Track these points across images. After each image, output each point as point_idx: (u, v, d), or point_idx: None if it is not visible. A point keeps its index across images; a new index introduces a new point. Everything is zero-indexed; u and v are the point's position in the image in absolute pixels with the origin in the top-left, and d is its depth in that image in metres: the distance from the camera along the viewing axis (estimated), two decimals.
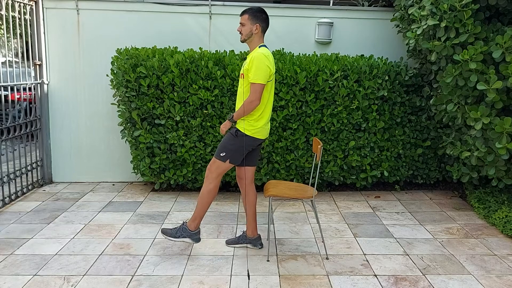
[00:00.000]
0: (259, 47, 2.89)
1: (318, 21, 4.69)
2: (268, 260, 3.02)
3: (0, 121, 4.10)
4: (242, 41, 2.95)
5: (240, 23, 2.93)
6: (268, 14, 4.59)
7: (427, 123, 4.50)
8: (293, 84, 4.20)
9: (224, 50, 4.49)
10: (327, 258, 3.06)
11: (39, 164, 4.66)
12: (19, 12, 4.19)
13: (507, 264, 3.02)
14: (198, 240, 3.07)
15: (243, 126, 2.90)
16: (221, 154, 2.94)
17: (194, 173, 4.35)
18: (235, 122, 2.96)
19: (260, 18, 2.90)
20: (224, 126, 2.95)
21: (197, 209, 3.02)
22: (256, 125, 2.91)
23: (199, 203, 3.01)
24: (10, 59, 4.36)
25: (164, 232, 3.06)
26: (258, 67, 2.77)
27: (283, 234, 3.49)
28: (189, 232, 3.03)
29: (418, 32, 3.69)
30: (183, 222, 3.07)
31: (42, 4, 4.50)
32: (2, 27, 7.35)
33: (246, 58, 3.11)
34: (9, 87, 4.10)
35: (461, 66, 3.40)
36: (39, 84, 4.57)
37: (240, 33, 2.93)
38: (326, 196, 4.49)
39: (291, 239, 3.40)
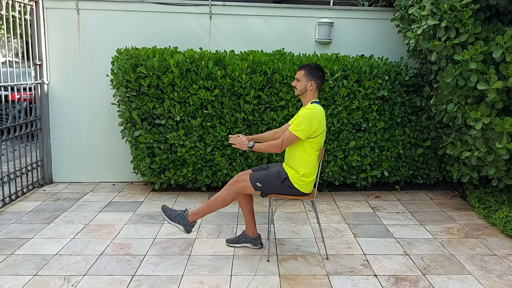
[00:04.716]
0: (311, 103, 2.92)
1: (318, 21, 4.69)
2: (268, 260, 3.02)
3: (0, 121, 4.09)
4: (296, 95, 2.99)
5: (295, 78, 2.96)
6: (268, 14, 4.69)
7: (427, 123, 4.50)
8: None
9: (225, 50, 4.49)
10: (327, 258, 3.06)
11: (39, 164, 4.66)
12: (19, 12, 4.19)
13: (507, 264, 3.02)
14: (189, 232, 3.04)
15: (293, 179, 2.91)
16: (257, 184, 2.92)
17: (194, 173, 4.35)
18: (252, 152, 2.98)
19: (316, 75, 2.91)
20: (240, 145, 2.95)
21: (205, 206, 3.00)
22: (305, 180, 2.93)
23: (209, 203, 2.99)
24: (10, 59, 4.36)
25: (164, 210, 3.03)
26: (301, 122, 2.82)
27: (284, 234, 3.49)
28: (185, 221, 3.00)
29: (418, 32, 3.69)
30: (186, 209, 3.05)
31: (42, 4, 4.50)
32: (2, 27, 7.35)
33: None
34: (9, 87, 4.10)
35: (461, 66, 3.40)
36: (39, 84, 4.57)
37: (294, 87, 2.97)
38: (326, 196, 4.49)
39: (291, 239, 3.40)
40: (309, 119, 2.81)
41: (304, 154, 2.90)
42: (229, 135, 3.04)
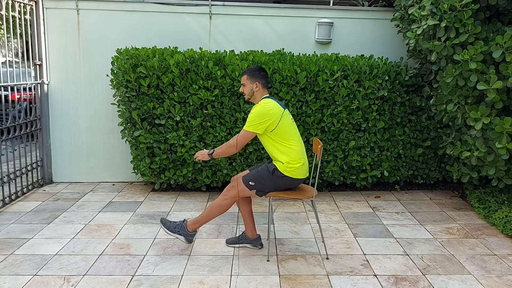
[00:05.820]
0: (262, 99, 2.98)
1: (318, 21, 4.69)
2: (268, 260, 3.02)
3: (0, 121, 4.10)
4: (247, 100, 3.06)
5: (241, 84, 3.04)
6: (268, 14, 4.70)
7: (427, 123, 4.50)
8: (293, 84, 4.20)
9: (224, 50, 4.49)
10: (327, 258, 3.06)
11: (39, 164, 4.66)
12: (19, 12, 4.19)
13: (507, 264, 3.02)
14: (190, 241, 3.09)
15: (281, 168, 2.91)
16: (250, 183, 2.94)
17: (194, 173, 4.35)
18: (213, 158, 3.00)
19: (259, 76, 2.99)
20: (202, 156, 3.00)
21: (203, 215, 3.03)
22: (292, 166, 2.91)
23: (207, 211, 3.02)
24: (10, 59, 4.36)
25: (163, 222, 3.08)
26: (253, 118, 2.88)
27: (283, 234, 3.49)
28: (185, 231, 3.04)
29: (418, 32, 3.69)
30: (184, 220, 3.08)
31: (42, 4, 4.50)
32: (2, 27, 7.35)
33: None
34: (9, 87, 4.10)
35: (461, 66, 3.40)
36: (39, 84, 4.57)
37: (243, 93, 3.05)
38: (326, 196, 4.49)
39: (291, 239, 3.40)
40: (260, 114, 2.87)
41: (278, 146, 2.92)
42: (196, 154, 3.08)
